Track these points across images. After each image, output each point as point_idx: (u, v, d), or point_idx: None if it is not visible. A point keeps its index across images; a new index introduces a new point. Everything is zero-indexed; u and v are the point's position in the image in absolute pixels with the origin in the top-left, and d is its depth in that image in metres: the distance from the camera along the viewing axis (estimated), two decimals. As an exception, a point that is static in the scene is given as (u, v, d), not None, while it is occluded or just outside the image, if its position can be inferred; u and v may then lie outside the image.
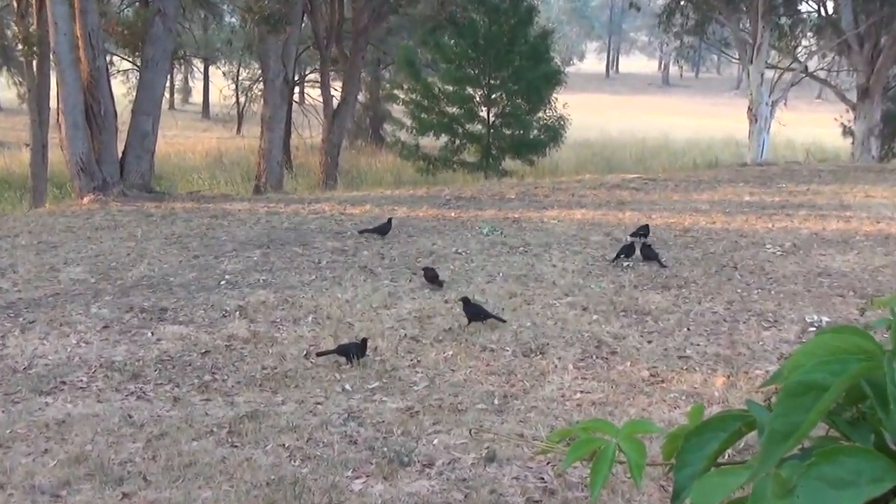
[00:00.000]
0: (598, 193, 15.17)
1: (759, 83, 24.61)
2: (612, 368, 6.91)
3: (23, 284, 9.18)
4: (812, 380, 0.94)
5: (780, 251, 10.79)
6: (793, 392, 0.95)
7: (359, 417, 5.89)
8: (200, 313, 8.17)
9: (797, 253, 10.67)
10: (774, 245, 11.08)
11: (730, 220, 12.65)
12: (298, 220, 12.77)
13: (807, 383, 0.94)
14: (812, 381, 0.94)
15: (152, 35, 16.04)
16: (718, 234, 11.74)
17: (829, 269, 9.90)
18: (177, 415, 5.93)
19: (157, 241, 11.30)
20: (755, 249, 10.86)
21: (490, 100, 28.10)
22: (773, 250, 10.82)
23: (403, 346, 7.36)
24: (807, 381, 0.94)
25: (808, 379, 0.94)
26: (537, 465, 5.17)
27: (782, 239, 11.39)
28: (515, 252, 10.68)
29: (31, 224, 12.63)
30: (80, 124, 14.76)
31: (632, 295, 8.88)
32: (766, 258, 10.45)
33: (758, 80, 24.57)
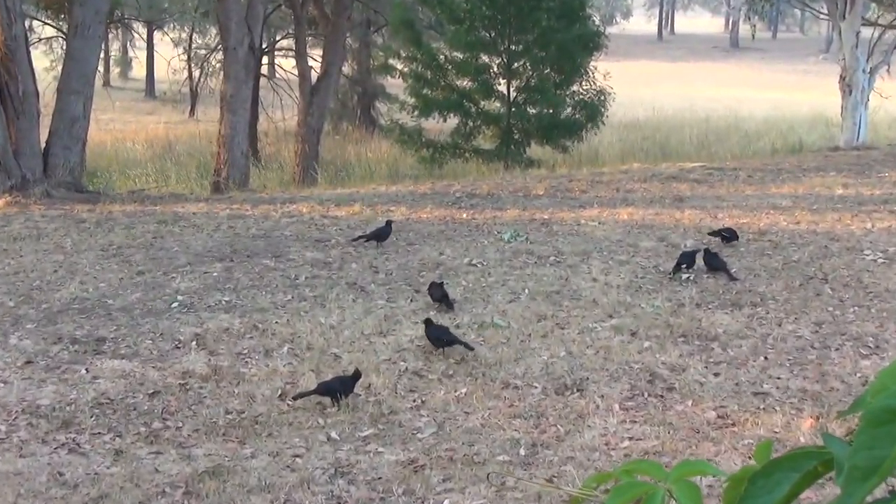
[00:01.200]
0: (650, 187, 15.23)
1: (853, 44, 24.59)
2: (668, 409, 6.94)
3: (-77, 310, 9.28)
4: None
5: (883, 258, 10.81)
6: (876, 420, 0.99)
7: (348, 473, 5.93)
8: (147, 344, 8.22)
9: (905, 260, 10.71)
10: (875, 251, 11.11)
11: (818, 219, 12.69)
12: (269, 224, 12.84)
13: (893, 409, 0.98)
14: (897, 406, 0.98)
15: (82, -6, 16.13)
16: (803, 237, 11.78)
17: (945, 281, 9.93)
18: (119, 472, 5.97)
19: (92, 253, 11.36)
20: (851, 256, 10.89)
21: (511, 70, 28.06)
22: (874, 257, 10.85)
23: (404, 382, 7.40)
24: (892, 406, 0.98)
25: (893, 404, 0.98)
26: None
27: (885, 243, 11.42)
28: (545, 263, 10.71)
29: (-69, 234, 12.74)
30: (-8, 108, 14.85)
31: (693, 315, 8.92)
32: (865, 267, 10.47)
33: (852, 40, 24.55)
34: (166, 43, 48.56)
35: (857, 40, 24.55)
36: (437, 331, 8.11)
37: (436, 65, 28.27)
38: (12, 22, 15.00)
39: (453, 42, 28.13)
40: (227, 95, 21.06)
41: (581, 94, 28.07)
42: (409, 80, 28.64)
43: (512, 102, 27.97)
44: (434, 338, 8.07)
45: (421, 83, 28.38)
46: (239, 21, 20.66)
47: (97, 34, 16.62)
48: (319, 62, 26.15)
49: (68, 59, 16.45)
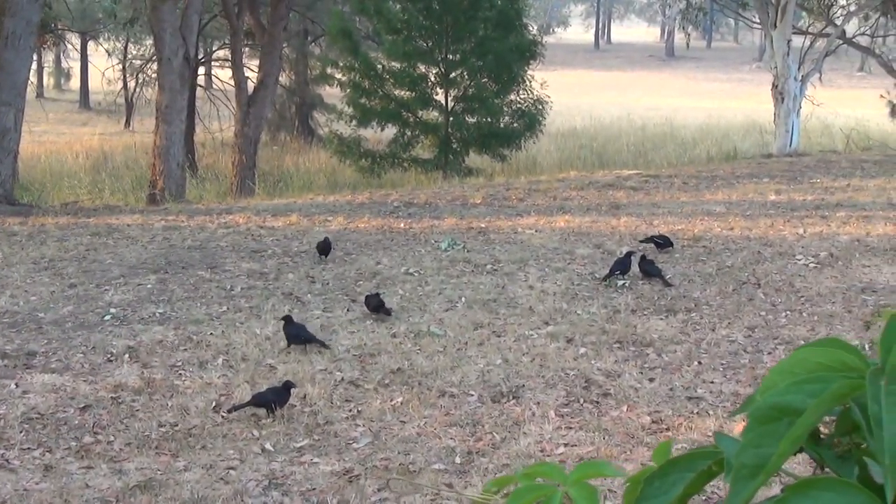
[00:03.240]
0: (587, 195, 15.33)
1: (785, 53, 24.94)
2: (603, 414, 6.97)
3: None
4: (785, 402, 0.98)
5: (815, 263, 10.96)
6: (763, 418, 0.99)
7: (283, 485, 5.89)
8: (79, 358, 8.12)
9: (835, 265, 10.85)
10: (807, 255, 11.25)
11: (751, 225, 12.84)
12: (205, 236, 12.75)
13: (780, 407, 0.98)
14: (785, 403, 0.98)
15: (13, 3, 15.92)
16: (737, 242, 11.91)
17: (875, 284, 10.08)
18: (49, 487, 5.88)
19: (23, 266, 11.21)
20: (783, 261, 11.03)
21: (448, 80, 28.12)
22: (805, 262, 10.99)
23: (340, 392, 7.37)
24: (779, 404, 0.98)
25: (780, 402, 0.98)
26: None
27: (816, 248, 11.58)
28: (482, 271, 10.74)
29: None
30: (-80, 119, 14.65)
31: (629, 322, 8.98)
32: (797, 272, 10.61)
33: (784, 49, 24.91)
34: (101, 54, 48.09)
35: (789, 49, 24.89)
36: (294, 328, 8.28)
37: (374, 74, 28.25)
38: (-60, 32, 14.81)
39: (391, 52, 28.12)
40: (161, 106, 20.88)
41: (518, 103, 28.19)
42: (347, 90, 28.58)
43: (450, 112, 28.03)
44: (292, 335, 8.24)
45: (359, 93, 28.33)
46: (173, 31, 20.51)
47: (28, 45, 16.43)
48: (256, 73, 26.01)
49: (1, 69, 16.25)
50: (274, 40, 24.49)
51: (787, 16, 24.62)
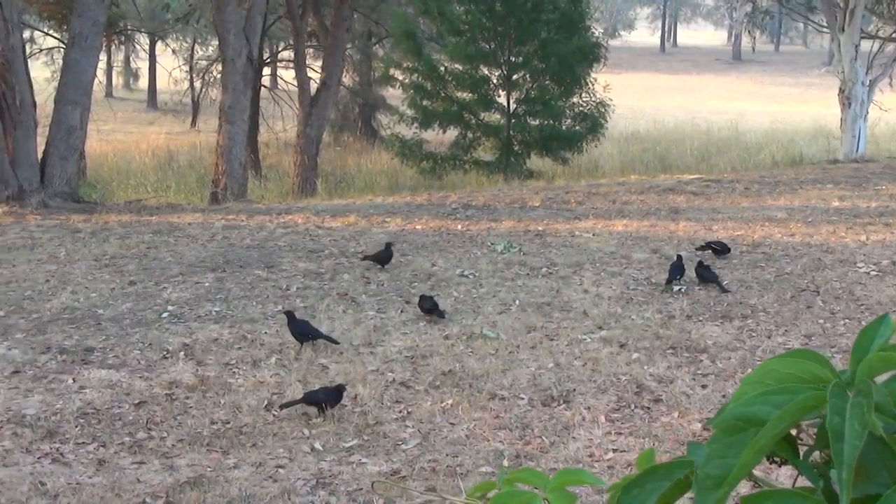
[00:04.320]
0: (647, 199, 15.25)
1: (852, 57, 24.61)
2: (654, 420, 6.94)
3: (-86, 319, 9.29)
4: (751, 413, 0.99)
5: (876, 271, 10.82)
6: (729, 429, 0.99)
7: (330, 484, 5.93)
8: (135, 354, 8.23)
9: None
10: (868, 263, 11.11)
11: (812, 231, 12.70)
12: (264, 235, 12.86)
13: (745, 417, 0.99)
14: (751, 414, 0.99)
15: (80, 4, 16.17)
16: (797, 249, 11.78)
17: (938, 293, 9.93)
18: (101, 482, 5.97)
19: (85, 263, 11.39)
20: (844, 269, 10.89)
21: (511, 82, 28.11)
22: (867, 270, 10.85)
23: (391, 393, 7.40)
24: (745, 414, 0.99)
25: (746, 412, 0.99)
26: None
27: (878, 255, 11.43)
28: (537, 274, 10.73)
29: (-74, 243, 12.77)
30: (-11, 118, 14.90)
31: (683, 327, 8.92)
32: (858, 280, 10.48)
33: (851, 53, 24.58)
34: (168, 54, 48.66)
35: (857, 53, 24.55)
36: (299, 325, 8.34)
37: (436, 76, 28.32)
38: (9, 32, 15.05)
39: (454, 54, 28.15)
40: (225, 106, 21.10)
41: (581, 105, 28.09)
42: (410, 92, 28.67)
43: (512, 114, 28.01)
44: (297, 332, 8.31)
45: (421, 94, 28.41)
46: (237, 32, 20.71)
47: (95, 45, 16.67)
48: (319, 73, 26.18)
49: (66, 69, 16.49)
50: (337, 42, 24.64)
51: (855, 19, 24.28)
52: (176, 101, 44.48)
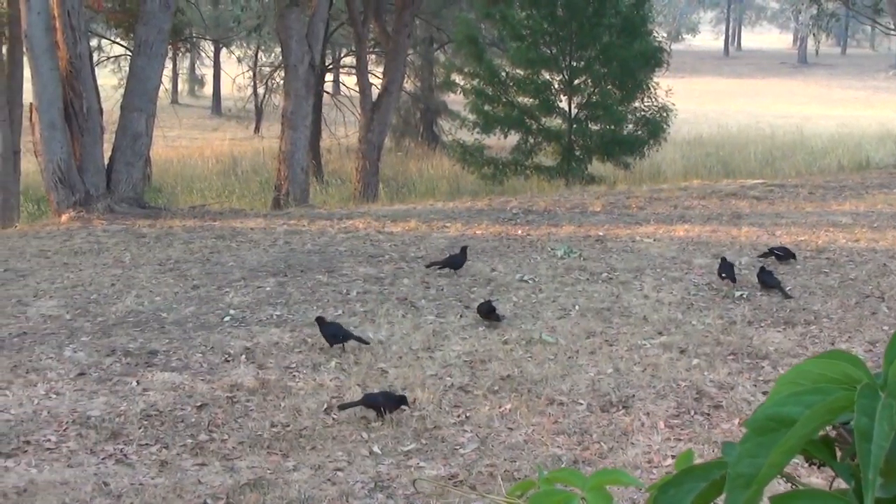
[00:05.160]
0: (709, 204, 15.14)
1: (920, 60, 24.27)
2: (714, 427, 6.89)
3: (-17, 322, 9.47)
4: (783, 413, 0.99)
5: (942, 277, 10.67)
6: (760, 429, 1.00)
7: (388, 488, 5.96)
8: (198, 357, 8.32)
9: (964, 279, 10.55)
10: (934, 269, 10.96)
11: (878, 236, 12.54)
12: (325, 240, 12.94)
13: (777, 417, 0.99)
14: (784, 414, 0.99)
15: (146, 12, 16.38)
16: (862, 255, 11.64)
17: None
18: (164, 483, 6.05)
19: (149, 268, 11.53)
20: (909, 275, 10.76)
21: (572, 87, 28.04)
22: (933, 276, 10.70)
23: (449, 398, 7.42)
24: (777, 414, 0.99)
25: (778, 412, 0.99)
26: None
27: (945, 261, 11.26)
28: (597, 279, 10.70)
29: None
30: (57, 124, 15.10)
31: (745, 333, 8.85)
32: (923, 286, 10.34)
33: (919, 56, 24.23)
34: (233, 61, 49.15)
35: (925, 55, 24.22)
36: (330, 328, 8.40)
37: (497, 81, 28.33)
38: (77, 41, 15.28)
39: (515, 59, 28.16)
40: (287, 112, 21.28)
41: (643, 110, 27.95)
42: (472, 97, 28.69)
43: (573, 119, 27.94)
44: (329, 336, 8.36)
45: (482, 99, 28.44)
46: (299, 39, 20.88)
47: (160, 52, 16.87)
48: (381, 79, 26.29)
49: (131, 76, 16.70)
50: (398, 47, 24.73)
51: (923, 21, 23.94)
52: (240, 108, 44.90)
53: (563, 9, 27.19)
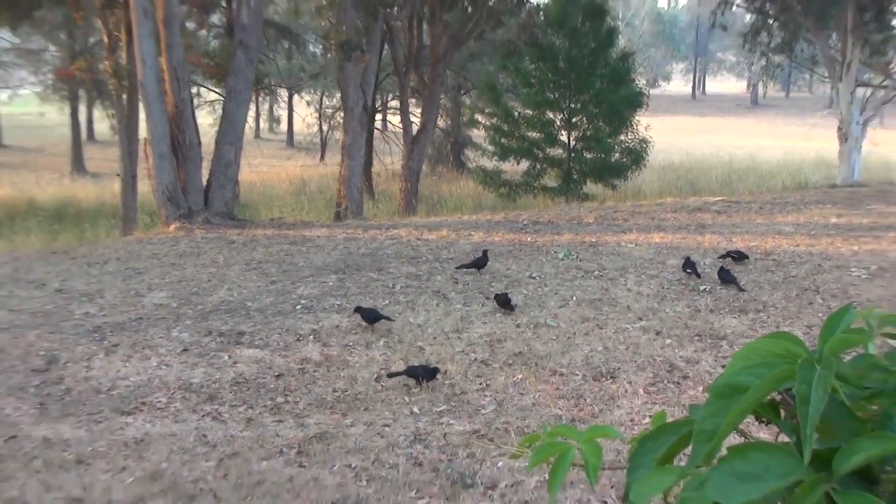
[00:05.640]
0: (679, 217, 15.06)
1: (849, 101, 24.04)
2: (683, 393, 6.87)
3: (108, 309, 9.54)
4: (737, 382, 1.00)
5: (866, 274, 10.55)
6: (719, 394, 1.01)
7: (425, 440, 5.97)
8: (276, 337, 8.37)
9: (884, 276, 10.42)
10: (860, 268, 10.84)
11: (814, 242, 12.43)
12: (375, 245, 12.97)
13: (732, 385, 1.00)
14: (738, 383, 1.00)
15: (234, 66, 16.50)
16: (801, 257, 11.54)
17: (917, 293, 9.65)
18: (249, 435, 6.10)
19: (238, 266, 11.60)
20: (839, 272, 10.65)
21: (571, 123, 28.00)
22: (859, 273, 10.59)
23: (473, 369, 7.43)
24: (732, 383, 1.00)
25: (733, 381, 1.00)
26: (601, 489, 5.18)
27: (869, 262, 11.14)
28: (590, 276, 10.67)
29: (119, 251, 13.10)
30: (166, 155, 15.25)
31: (707, 319, 8.81)
32: (851, 281, 10.23)
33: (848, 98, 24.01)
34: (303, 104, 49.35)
35: (853, 98, 24.01)
36: (367, 312, 8.50)
37: (511, 119, 28.36)
38: (180, 89, 15.42)
39: (525, 101, 28.19)
40: (345, 145, 21.38)
41: (627, 142, 27.92)
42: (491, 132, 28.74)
43: (571, 149, 27.93)
44: (367, 317, 8.48)
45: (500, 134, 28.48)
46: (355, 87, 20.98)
47: (245, 98, 16.99)
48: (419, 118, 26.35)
49: (224, 117, 16.83)
50: (433, 93, 24.77)
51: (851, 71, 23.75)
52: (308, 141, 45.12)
53: (564, 62, 27.16)
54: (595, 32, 27.09)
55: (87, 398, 6.88)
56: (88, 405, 6.73)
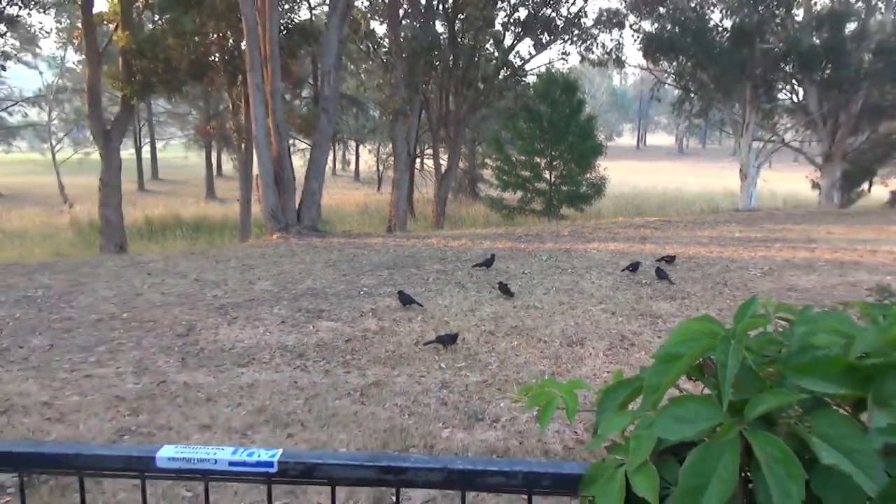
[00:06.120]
0: (628, 231, 14.92)
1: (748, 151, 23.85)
2: (631, 356, 6.79)
3: (230, 293, 9.57)
4: (673, 351, 0.98)
5: (760, 273, 10.41)
6: (661, 359, 0.99)
7: (449, 386, 5.95)
8: (345, 313, 8.35)
9: (773, 274, 10.28)
10: (756, 268, 10.70)
11: (723, 250, 12.27)
12: (415, 250, 12.93)
13: (670, 354, 0.98)
14: (673, 352, 0.98)
15: (318, 125, 16.57)
16: (714, 260, 11.40)
17: (797, 286, 9.50)
18: (326, 382, 6.09)
19: (319, 264, 11.61)
20: (741, 271, 10.51)
21: (552, 165, 27.98)
22: (755, 272, 10.45)
23: (483, 337, 7.38)
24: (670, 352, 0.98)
25: (671, 350, 0.98)
26: (574, 423, 5.13)
27: (762, 264, 10.99)
28: (565, 272, 10.59)
29: (238, 252, 13.15)
30: (271, 186, 15.33)
31: (648, 304, 8.71)
32: (750, 278, 10.10)
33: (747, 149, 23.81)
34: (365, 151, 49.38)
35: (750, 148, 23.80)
36: (404, 296, 8.37)
37: (510, 162, 28.33)
38: (281, 140, 15.50)
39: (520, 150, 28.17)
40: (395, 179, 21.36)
41: (591, 179, 27.82)
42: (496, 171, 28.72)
43: (552, 183, 27.83)
44: (403, 300, 8.35)
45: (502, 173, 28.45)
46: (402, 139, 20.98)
47: (326, 147, 17.05)
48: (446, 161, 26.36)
49: (310, 160, 16.91)
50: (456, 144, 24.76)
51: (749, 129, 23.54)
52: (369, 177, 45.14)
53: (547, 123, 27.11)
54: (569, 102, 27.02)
55: (214, 355, 6.91)
56: (215, 359, 6.76)
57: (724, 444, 0.90)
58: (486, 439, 4.90)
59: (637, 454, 0.93)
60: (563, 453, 4.74)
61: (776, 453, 0.87)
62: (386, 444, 4.81)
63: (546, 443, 4.84)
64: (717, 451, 0.90)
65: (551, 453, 4.73)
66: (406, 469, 1.05)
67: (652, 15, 24.32)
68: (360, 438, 4.91)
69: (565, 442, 4.85)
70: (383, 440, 4.88)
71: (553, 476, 1.04)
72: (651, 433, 0.93)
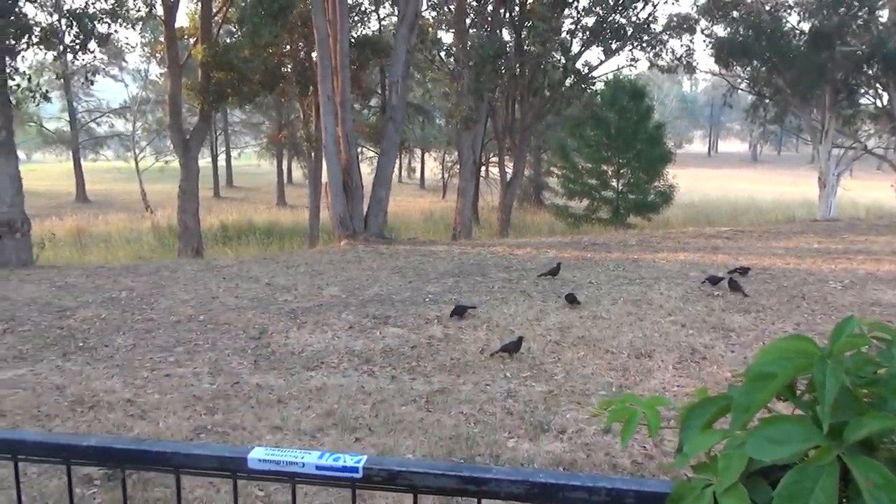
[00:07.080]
0: (698, 241, 14.51)
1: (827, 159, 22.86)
2: (702, 370, 6.61)
3: (300, 298, 9.77)
4: (767, 371, 0.95)
5: (841, 286, 9.95)
6: (753, 378, 0.96)
7: (515, 395, 5.92)
8: (411, 320, 8.40)
9: (854, 288, 9.81)
10: (836, 281, 10.24)
11: (800, 261, 11.80)
12: (480, 257, 12.92)
13: (763, 373, 0.95)
14: (767, 371, 0.95)
15: (385, 133, 16.78)
16: (791, 272, 10.97)
17: (881, 301, 9.05)
18: (393, 388, 6.15)
19: (386, 270, 11.72)
20: (820, 284, 10.07)
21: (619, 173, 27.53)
22: (835, 285, 10.00)
23: (549, 347, 7.32)
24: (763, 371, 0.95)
25: (763, 370, 0.95)
26: (641, 437, 5.02)
27: (843, 277, 10.51)
28: (633, 283, 10.38)
29: (307, 259, 13.42)
30: (339, 193, 15.60)
31: (720, 316, 8.45)
32: (829, 291, 9.67)
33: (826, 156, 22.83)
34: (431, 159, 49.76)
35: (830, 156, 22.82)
36: (459, 307, 8.35)
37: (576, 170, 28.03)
38: (350, 148, 15.77)
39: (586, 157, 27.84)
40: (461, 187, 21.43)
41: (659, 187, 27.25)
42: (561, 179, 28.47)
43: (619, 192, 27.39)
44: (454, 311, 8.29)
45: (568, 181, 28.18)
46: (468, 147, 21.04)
47: (393, 155, 17.23)
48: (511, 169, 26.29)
49: (378, 168, 17.11)
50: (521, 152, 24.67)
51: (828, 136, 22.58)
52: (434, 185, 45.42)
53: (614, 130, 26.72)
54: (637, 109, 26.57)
55: (285, 358, 7.08)
56: (286, 362, 6.92)
57: (821, 468, 0.86)
58: (552, 450, 4.84)
59: (727, 475, 0.90)
60: (631, 468, 4.65)
61: (879, 480, 0.83)
62: (452, 452, 4.82)
63: (614, 457, 4.75)
64: (815, 474, 0.86)
65: (619, 468, 4.64)
66: (488, 480, 1.05)
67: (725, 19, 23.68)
68: (426, 445, 4.92)
69: (634, 457, 4.75)
70: (449, 448, 4.88)
71: (637, 494, 1.02)
72: (742, 453, 0.90)
